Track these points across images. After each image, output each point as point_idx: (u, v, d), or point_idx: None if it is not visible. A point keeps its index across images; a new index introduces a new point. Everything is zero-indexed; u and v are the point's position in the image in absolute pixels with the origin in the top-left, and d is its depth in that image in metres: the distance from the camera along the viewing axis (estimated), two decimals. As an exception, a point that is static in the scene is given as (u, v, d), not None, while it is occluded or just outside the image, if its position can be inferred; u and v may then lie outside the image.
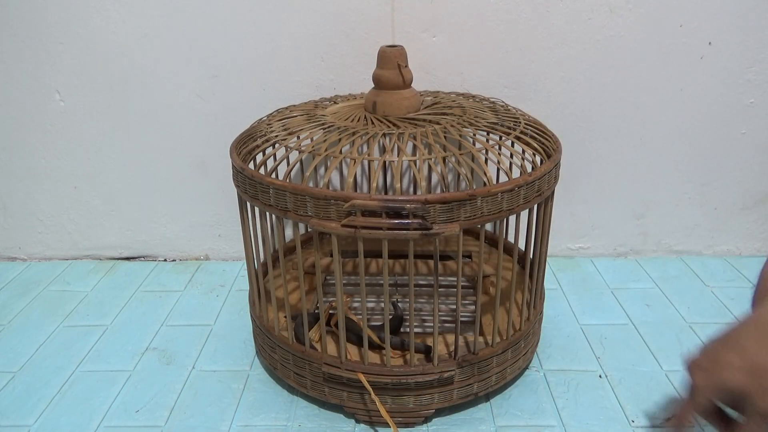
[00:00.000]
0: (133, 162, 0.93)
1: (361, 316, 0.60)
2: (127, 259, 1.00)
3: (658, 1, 0.81)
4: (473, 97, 0.79)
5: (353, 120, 0.67)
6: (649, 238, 0.96)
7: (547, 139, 0.64)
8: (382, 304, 0.72)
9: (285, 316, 0.66)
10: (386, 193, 0.90)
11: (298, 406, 0.66)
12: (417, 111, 0.69)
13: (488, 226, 0.90)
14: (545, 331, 0.78)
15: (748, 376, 0.41)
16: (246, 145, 0.65)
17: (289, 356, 0.65)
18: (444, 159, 0.63)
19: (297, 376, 0.65)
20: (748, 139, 0.89)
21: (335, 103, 0.77)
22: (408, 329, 0.66)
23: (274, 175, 0.57)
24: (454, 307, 0.72)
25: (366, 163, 0.89)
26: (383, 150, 0.59)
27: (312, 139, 0.64)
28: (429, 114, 0.68)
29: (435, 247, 0.54)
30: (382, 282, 0.57)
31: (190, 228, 0.97)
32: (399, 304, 0.71)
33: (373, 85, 0.69)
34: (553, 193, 0.63)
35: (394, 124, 0.64)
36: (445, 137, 0.60)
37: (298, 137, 0.62)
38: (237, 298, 0.88)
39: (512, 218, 0.81)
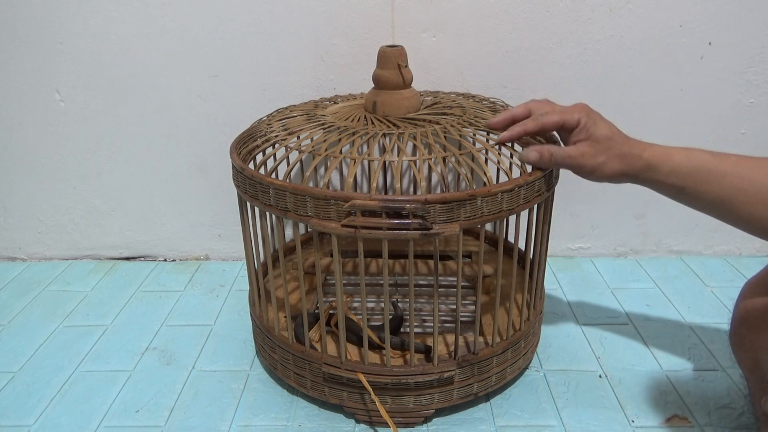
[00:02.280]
0: (133, 162, 0.93)
1: (361, 316, 0.60)
2: (127, 259, 1.00)
3: (658, 1, 0.81)
4: (473, 97, 0.79)
5: (353, 120, 0.67)
6: (649, 238, 0.96)
7: (547, 139, 0.64)
8: (382, 304, 0.72)
9: (285, 316, 0.66)
10: (386, 193, 0.90)
11: (298, 406, 0.66)
12: (417, 111, 0.69)
13: (488, 226, 0.90)
14: (545, 331, 0.78)
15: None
16: (246, 145, 0.65)
17: (289, 356, 0.65)
18: (444, 159, 0.63)
19: (297, 376, 0.65)
20: (748, 139, 0.89)
21: (335, 103, 0.77)
22: (408, 329, 0.66)
23: (274, 175, 0.57)
24: (454, 307, 0.72)
25: (366, 163, 0.89)
26: (383, 150, 0.59)
27: (312, 139, 0.64)
28: (429, 114, 0.68)
29: (435, 247, 0.54)
30: (382, 282, 0.57)
31: (190, 228, 0.97)
32: (399, 304, 0.71)
33: (373, 85, 0.69)
34: (553, 193, 0.63)
35: (394, 124, 0.64)
36: (445, 137, 0.60)
37: (298, 137, 0.62)
38: (237, 298, 0.88)
39: (512, 218, 0.81)
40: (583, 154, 0.56)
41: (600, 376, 0.70)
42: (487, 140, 0.72)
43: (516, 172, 0.58)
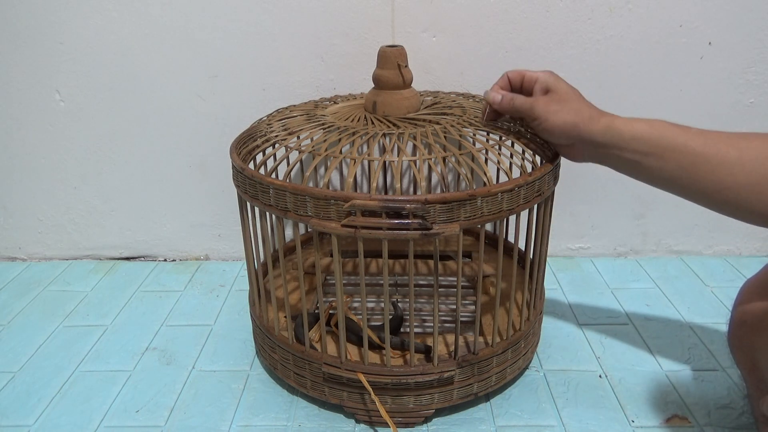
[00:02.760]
0: (133, 162, 0.93)
1: (361, 316, 0.60)
2: (127, 259, 1.00)
3: (658, 1, 0.81)
4: (473, 97, 0.79)
5: (353, 120, 0.67)
6: (649, 238, 0.96)
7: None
8: (382, 304, 0.72)
9: (285, 316, 0.66)
10: (386, 193, 0.90)
11: (298, 406, 0.66)
12: (417, 111, 0.69)
13: (488, 227, 0.90)
14: (545, 331, 0.78)
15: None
16: (246, 145, 0.65)
17: (289, 356, 0.65)
18: (444, 159, 0.63)
19: (297, 376, 0.65)
20: (748, 139, 0.89)
21: (335, 103, 0.77)
22: (408, 329, 0.66)
23: (274, 175, 0.57)
24: (454, 307, 0.72)
25: (366, 163, 0.89)
26: (383, 150, 0.59)
27: (312, 139, 0.64)
28: (429, 114, 0.68)
29: (435, 247, 0.54)
30: (382, 282, 0.57)
31: (190, 228, 0.97)
32: (399, 304, 0.71)
33: (373, 85, 0.69)
34: (553, 193, 0.63)
35: (394, 124, 0.64)
36: (445, 137, 0.60)
37: (298, 137, 0.62)
38: (237, 298, 0.88)
39: (512, 218, 0.81)
40: (537, 100, 0.58)
41: (600, 376, 0.70)
42: (487, 140, 0.72)
43: (516, 173, 0.58)
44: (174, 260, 1.00)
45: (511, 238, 0.84)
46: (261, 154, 0.67)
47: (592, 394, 0.67)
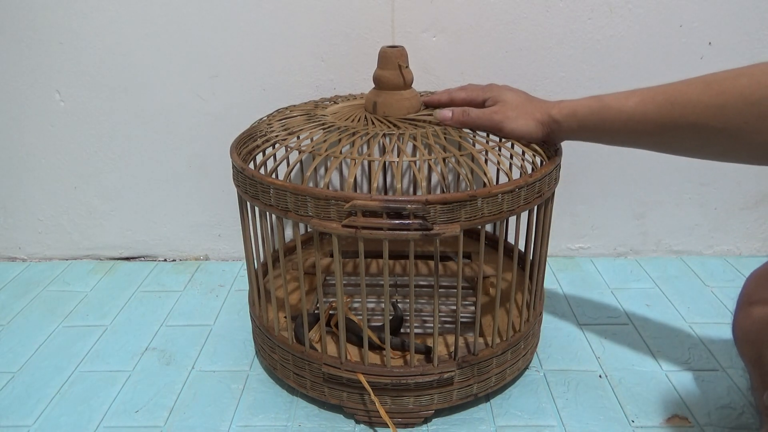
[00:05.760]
0: (133, 162, 0.93)
1: (361, 317, 0.60)
2: (127, 259, 1.00)
3: (658, 1, 0.81)
4: (473, 97, 0.79)
5: (353, 120, 0.67)
6: (649, 238, 0.96)
7: (547, 140, 0.64)
8: (382, 305, 0.72)
9: (285, 317, 0.66)
10: (386, 193, 0.90)
11: (297, 407, 0.66)
12: (417, 111, 0.69)
13: (488, 227, 0.90)
14: (545, 331, 0.78)
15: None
16: (246, 145, 0.65)
17: (288, 356, 0.65)
18: (444, 159, 0.63)
19: (297, 376, 0.65)
20: (748, 140, 0.89)
21: (335, 103, 0.77)
22: (408, 330, 0.66)
23: (274, 175, 0.57)
24: (454, 307, 0.72)
25: (366, 163, 0.89)
26: (383, 150, 0.59)
27: (312, 139, 0.64)
28: (429, 115, 0.68)
29: (435, 247, 0.54)
30: (382, 282, 0.57)
31: (190, 228, 0.97)
32: (399, 305, 0.71)
33: (373, 86, 0.69)
34: (553, 194, 0.63)
35: (395, 125, 0.64)
36: (445, 138, 0.60)
37: (298, 137, 0.62)
38: (237, 298, 0.88)
39: (512, 219, 0.81)
40: (496, 112, 0.61)
41: (600, 376, 0.70)
42: (487, 141, 0.72)
43: (516, 173, 0.58)
44: (174, 260, 1.00)
45: (511, 239, 0.84)
46: (261, 154, 0.67)
47: (592, 394, 0.67)
